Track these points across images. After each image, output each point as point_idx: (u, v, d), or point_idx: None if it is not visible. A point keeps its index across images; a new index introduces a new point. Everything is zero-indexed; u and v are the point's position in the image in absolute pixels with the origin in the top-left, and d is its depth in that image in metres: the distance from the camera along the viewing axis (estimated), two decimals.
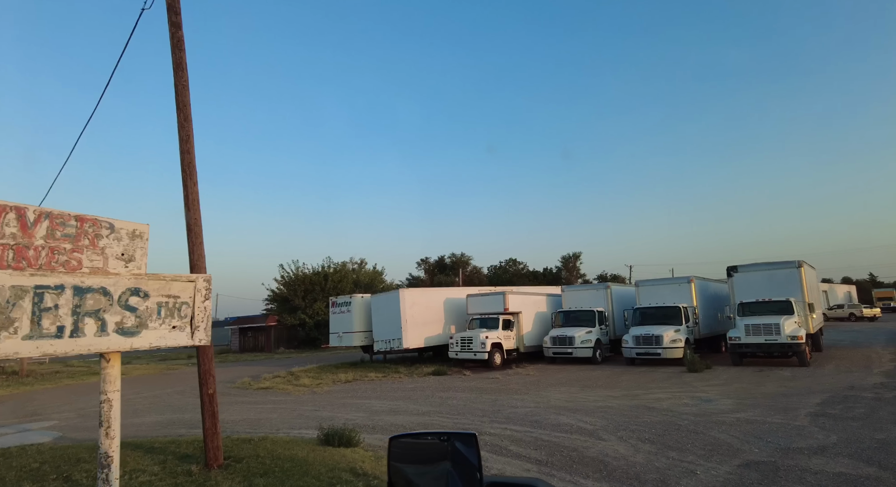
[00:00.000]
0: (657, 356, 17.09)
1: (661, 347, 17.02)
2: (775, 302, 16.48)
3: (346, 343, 22.70)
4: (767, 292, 16.98)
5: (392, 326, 20.50)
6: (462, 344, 19.41)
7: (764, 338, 15.42)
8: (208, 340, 4.56)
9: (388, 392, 13.98)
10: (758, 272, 17.78)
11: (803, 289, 16.86)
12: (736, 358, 16.16)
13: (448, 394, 13.05)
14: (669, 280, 20.05)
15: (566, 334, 19.36)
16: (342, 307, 22.92)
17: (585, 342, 19.06)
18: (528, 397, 12.13)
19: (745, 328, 15.77)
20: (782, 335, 15.08)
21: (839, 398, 10.20)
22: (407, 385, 15.31)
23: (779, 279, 17.29)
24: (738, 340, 15.90)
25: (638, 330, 17.85)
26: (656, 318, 18.51)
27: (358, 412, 11.14)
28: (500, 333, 19.67)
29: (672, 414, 9.25)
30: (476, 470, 1.61)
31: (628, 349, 17.80)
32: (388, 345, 20.88)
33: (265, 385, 16.68)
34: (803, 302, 16.51)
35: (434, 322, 21.51)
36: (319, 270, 41.46)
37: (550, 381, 14.87)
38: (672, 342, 16.97)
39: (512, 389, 13.55)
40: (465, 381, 15.68)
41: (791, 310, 16.05)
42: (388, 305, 21.00)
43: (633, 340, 17.70)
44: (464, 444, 1.67)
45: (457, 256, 71.69)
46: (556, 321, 21.02)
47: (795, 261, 17.25)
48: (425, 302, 21.28)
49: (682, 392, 11.70)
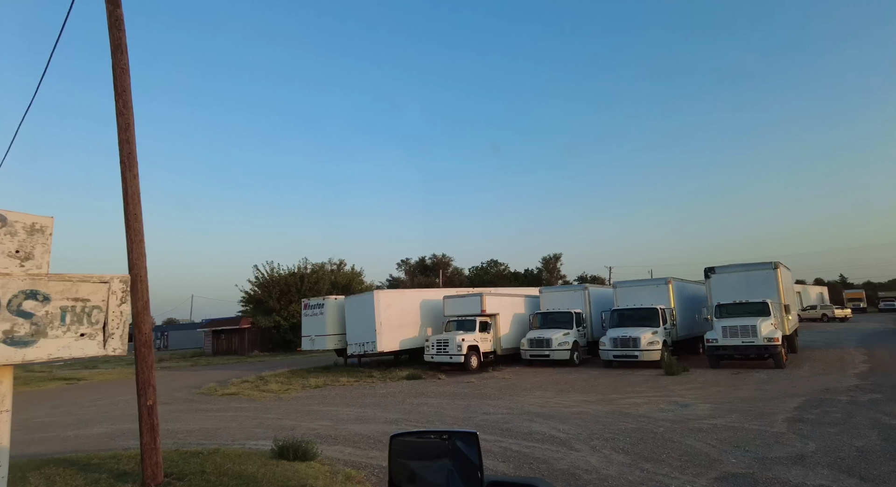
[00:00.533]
0: (634, 358, 16.86)
1: (638, 349, 16.80)
2: (752, 304, 16.39)
3: (319, 347, 22.02)
4: (744, 293, 16.90)
5: (366, 329, 19.92)
6: (438, 347, 18.94)
7: (741, 340, 15.29)
8: (124, 349, 3.99)
9: (358, 399, 13.44)
10: (735, 274, 17.71)
11: (779, 290, 16.82)
12: (713, 360, 16.01)
13: (420, 400, 12.57)
14: (647, 282, 19.89)
15: (543, 336, 19.04)
16: (315, 309, 22.24)
17: (563, 345, 18.76)
18: (501, 402, 11.72)
19: (723, 330, 15.63)
20: (759, 338, 14.97)
21: (815, 401, 10.02)
22: (379, 391, 14.78)
23: (755, 281, 17.23)
24: (715, 342, 15.75)
25: (615, 332, 17.62)
26: (634, 320, 18.30)
27: (323, 420, 10.58)
28: (477, 335, 19.26)
29: (648, 421, 8.93)
30: (477, 469, 1.60)
31: (605, 352, 17.54)
32: (361, 348, 20.30)
33: (231, 391, 15.97)
34: (779, 304, 16.46)
35: (410, 325, 21.00)
36: (295, 270, 40.59)
37: (526, 385, 14.49)
38: (649, 344, 16.77)
39: (486, 393, 13.13)
40: (439, 385, 15.21)
41: (767, 312, 15.96)
42: (361, 307, 20.42)
43: (610, 342, 17.45)
44: (465, 443, 1.68)
45: (438, 257, 71.30)
46: (534, 322, 20.70)
47: (772, 262, 17.21)
48: (401, 304, 20.76)
49: (658, 397, 11.42)
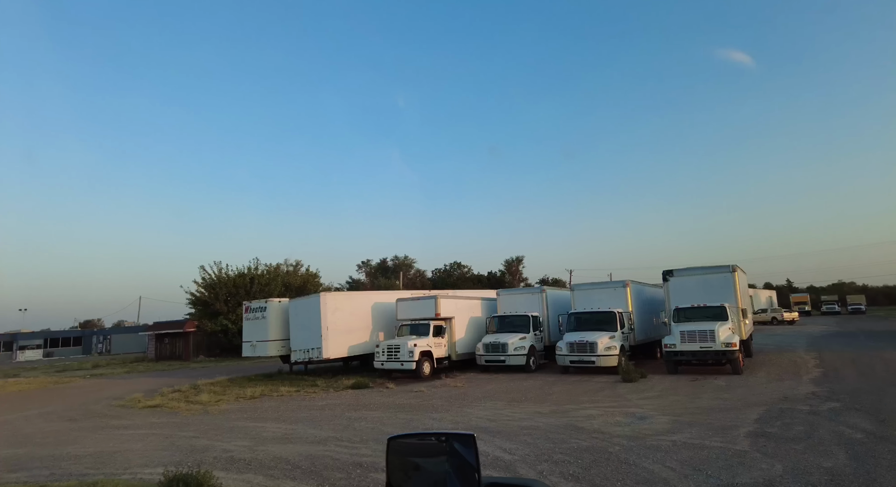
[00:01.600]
0: (591, 364, 16.22)
1: (595, 354, 16.17)
2: (710, 308, 16.03)
3: (261, 353, 20.48)
4: (702, 297, 16.54)
5: (311, 334, 18.59)
6: (388, 353, 17.80)
7: (699, 345, 14.85)
8: None
9: (292, 412, 12.18)
10: (693, 277, 17.36)
11: (737, 294, 16.55)
12: (671, 366, 15.53)
13: (359, 414, 11.43)
14: (605, 284, 19.38)
15: (499, 340, 18.20)
16: (256, 312, 20.70)
17: (519, 350, 17.97)
18: (448, 415, 10.74)
19: (681, 335, 15.16)
20: (717, 343, 14.56)
21: (775, 412, 9.48)
22: (318, 402, 13.54)
23: (713, 284, 16.92)
24: (673, 347, 15.27)
25: (572, 337, 16.95)
26: (591, 323, 17.70)
27: (243, 439, 9.31)
28: (431, 340, 18.24)
29: (603, 438, 8.12)
30: (474, 471, 1.63)
31: (562, 357, 16.84)
32: (306, 355, 18.94)
33: (154, 403, 14.39)
34: (737, 308, 16.18)
35: (360, 329, 19.78)
36: (245, 271, 38.53)
37: (478, 394, 13.57)
38: (607, 349, 16.16)
39: (434, 405, 12.12)
40: (385, 396, 14.10)
41: (725, 316, 15.62)
42: (307, 310, 19.07)
43: (567, 347, 16.77)
44: (462, 445, 1.69)
45: (400, 258, 69.98)
46: (491, 326, 19.86)
47: (729, 265, 16.95)
48: (350, 307, 19.52)
49: (615, 407, 10.69)
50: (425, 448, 1.79)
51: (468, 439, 1.67)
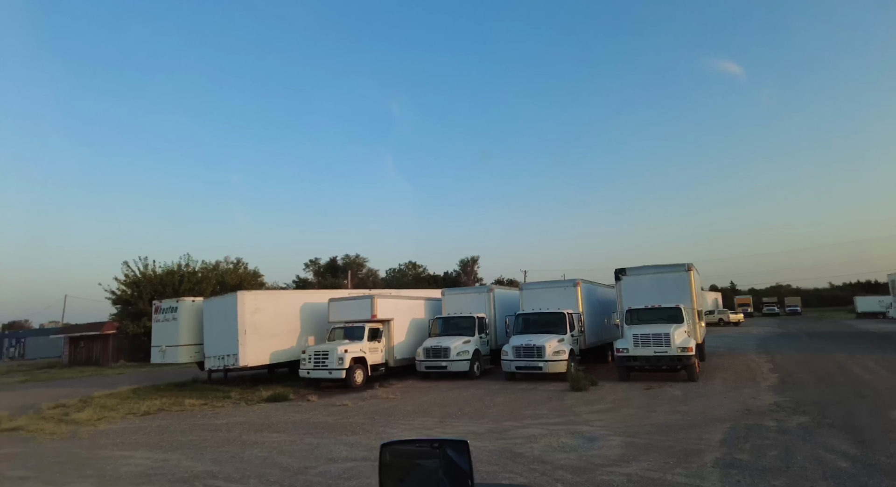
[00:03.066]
0: (539, 370, 14.79)
1: (543, 360, 14.74)
2: (664, 309, 14.95)
3: (171, 360, 17.94)
4: (657, 297, 15.47)
5: (227, 338, 16.31)
6: (316, 360, 15.78)
7: (653, 350, 13.67)
8: None
9: (180, 434, 10.04)
10: (647, 276, 16.28)
11: (692, 295, 15.57)
12: (623, 372, 14.31)
13: (258, 437, 9.44)
14: (554, 283, 18.06)
15: (441, 345, 16.53)
16: (167, 313, 18.16)
17: (462, 354, 16.36)
18: (365, 437, 8.92)
19: (634, 339, 13.96)
20: (672, 347, 13.42)
21: (741, 429, 8.22)
22: (218, 420, 11.41)
23: (668, 284, 15.89)
24: (625, 352, 14.04)
25: (518, 340, 15.49)
26: (540, 325, 16.32)
27: (87, 480, 7.18)
28: (365, 344, 16.34)
29: (544, 469, 6.54)
30: (468, 477, 1.65)
31: (508, 362, 15.35)
32: (221, 362, 16.63)
33: (14, 425, 11.81)
34: (692, 309, 15.17)
35: (286, 333, 17.62)
36: (175, 268, 35.27)
37: (410, 407, 11.82)
38: (555, 354, 14.77)
39: (353, 424, 10.27)
40: (301, 412, 12.11)
41: (681, 318, 14.56)
42: (223, 312, 16.77)
43: (512, 351, 15.28)
44: (455, 451, 1.70)
45: (351, 257, 67.31)
46: (434, 328, 18.17)
47: (685, 264, 15.96)
48: (274, 308, 17.33)
49: (561, 425, 9.19)
50: (418, 454, 1.80)
51: (461, 445, 1.71)
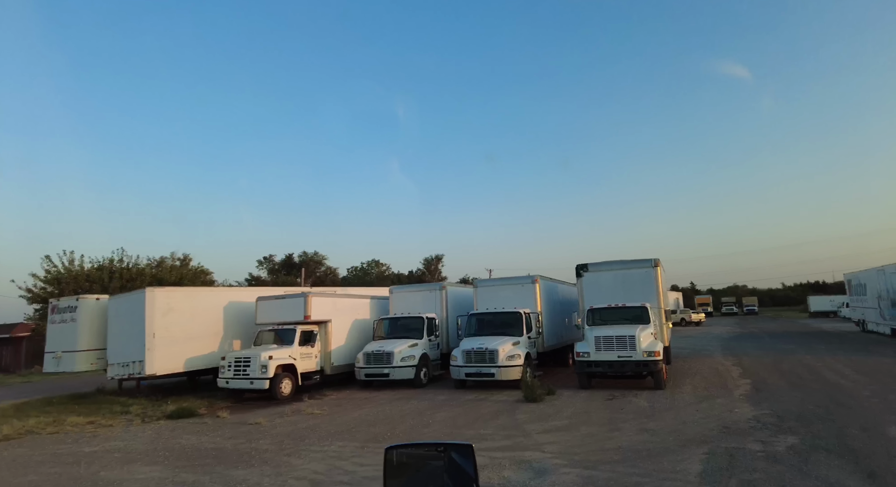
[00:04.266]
0: (491, 377, 13.14)
1: (496, 365, 13.10)
2: (629, 308, 13.55)
3: (66, 368, 15.31)
4: (621, 295, 14.07)
5: (132, 342, 14.01)
6: (236, 368, 13.65)
7: (617, 354, 12.22)
8: None
9: (26, 468, 7.85)
10: (610, 272, 14.89)
11: (659, 293, 14.25)
12: (583, 379, 12.81)
13: (120, 473, 7.36)
14: (511, 280, 16.47)
15: (383, 349, 14.66)
16: (65, 313, 15.60)
17: (407, 360, 14.54)
18: (257, 473, 7.00)
19: (595, 342, 12.48)
20: (637, 351, 11.99)
21: (722, 456, 6.72)
22: (88, 447, 9.21)
23: (633, 281, 14.53)
24: (586, 356, 12.54)
25: (469, 343, 13.80)
26: (495, 326, 14.71)
27: None
28: (296, 350, 14.33)
29: None
30: (472, 481, 1.65)
31: (457, 369, 13.64)
32: (125, 370, 14.31)
33: None
34: (659, 309, 13.84)
35: (206, 336, 15.40)
36: (105, 264, 32.09)
37: (333, 426, 9.93)
38: (509, 358, 13.16)
39: (254, 450, 8.31)
40: (199, 432, 10.03)
41: (647, 318, 13.19)
42: (129, 312, 14.45)
43: (462, 356, 13.58)
44: (460, 455, 1.70)
45: (308, 254, 64.31)
46: (378, 330, 16.28)
47: (651, 259, 14.63)
48: (191, 308, 15.08)
49: (507, 450, 7.50)
50: (423, 458, 1.79)
51: (467, 449, 1.71)
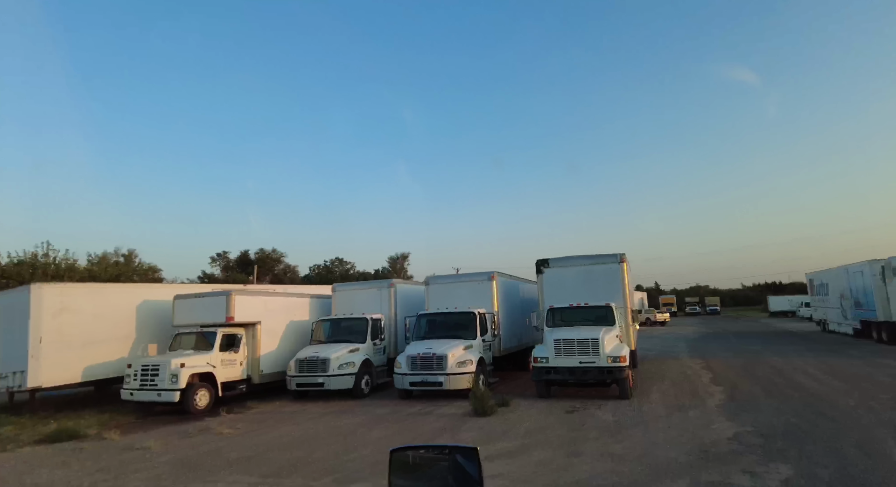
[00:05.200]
0: (439, 386, 11.56)
1: (444, 372, 11.53)
2: (593, 308, 12.24)
3: None
4: (584, 294, 12.75)
5: (13, 349, 11.81)
6: (143, 377, 11.66)
7: (579, 360, 10.84)
8: None
9: None
10: (573, 268, 13.58)
11: (625, 291, 13.00)
12: (542, 388, 11.38)
13: None
14: (466, 277, 14.96)
15: (318, 355, 12.88)
16: None
17: (346, 367, 12.81)
18: None
19: (555, 345, 11.07)
20: (601, 356, 10.65)
21: None
22: None
23: (597, 278, 13.24)
24: (545, 362, 11.12)
25: (416, 347, 12.20)
26: (447, 328, 13.17)
27: None
28: (216, 356, 12.43)
29: None
30: (477, 484, 1.63)
31: (400, 377, 12.00)
32: (3, 383, 12.08)
33: None
34: (625, 308, 12.58)
35: (114, 340, 13.30)
36: (26, 258, 28.89)
37: (238, 451, 8.14)
38: (459, 365, 11.61)
39: None
40: (67, 463, 8.06)
41: (612, 319, 11.89)
42: (12, 312, 12.22)
43: (407, 362, 11.96)
44: (465, 458, 1.69)
45: (266, 251, 61.35)
46: (318, 333, 14.49)
47: (617, 254, 13.38)
48: (94, 307, 12.96)
49: None
50: (428, 460, 1.79)
51: (472, 452, 1.69)
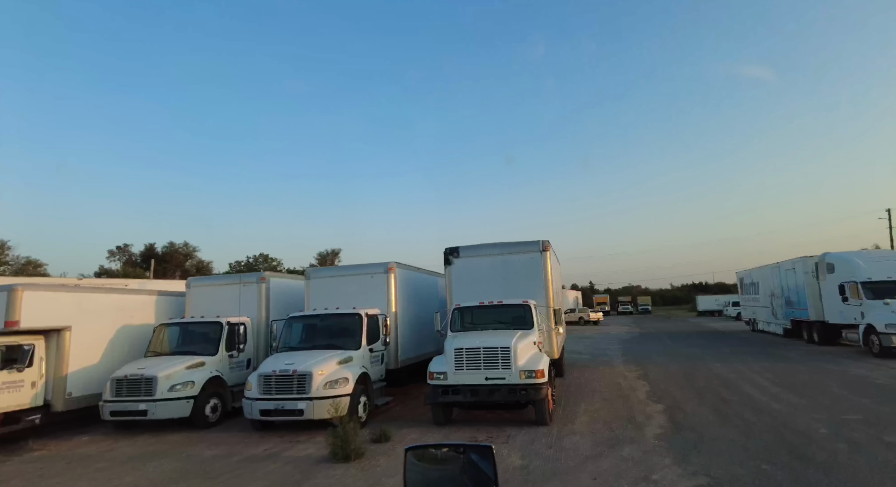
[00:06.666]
0: (299, 415, 8.49)
1: (306, 396, 8.49)
2: (508, 307, 9.68)
3: None
4: (498, 289, 10.18)
5: None
6: None
7: (485, 375, 8.19)
8: None
9: None
10: (487, 258, 10.97)
11: (548, 286, 10.52)
12: (438, 414, 8.64)
13: None
14: (357, 269, 12.00)
15: (142, 373, 9.46)
16: None
17: (181, 388, 9.46)
18: None
19: (456, 357, 8.38)
20: (513, 371, 8.05)
21: None
22: None
23: (516, 270, 10.71)
24: (442, 378, 8.39)
25: (273, 363, 9.09)
26: (326, 335, 10.18)
27: None
28: None
29: None
30: (492, 483, 1.63)
31: (250, 403, 8.82)
32: None
33: None
34: (547, 307, 10.11)
35: None
36: None
37: None
38: (329, 385, 8.61)
39: None
40: None
41: (530, 321, 9.36)
42: None
43: (259, 383, 8.81)
44: (480, 456, 1.69)
45: (176, 245, 55.29)
46: (157, 342, 11.00)
47: (539, 241, 10.88)
48: None
49: None
50: (443, 458, 1.79)
51: (486, 450, 1.69)
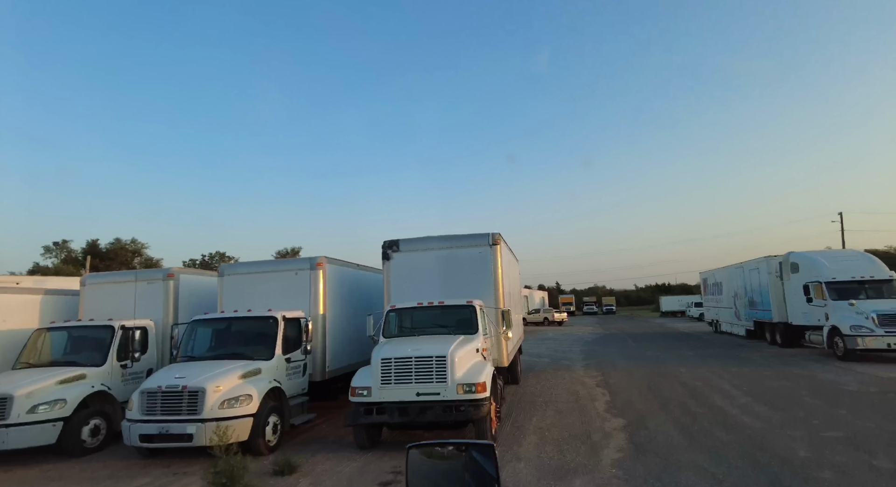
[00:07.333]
0: (188, 440, 6.91)
1: (197, 418, 6.93)
2: (450, 309, 8.36)
3: None
4: (438, 289, 8.85)
5: None
6: None
7: (416, 390, 6.83)
8: None
9: None
10: (431, 252, 9.62)
11: (498, 284, 9.24)
12: (361, 436, 7.23)
13: None
14: (279, 265, 10.44)
15: None
16: None
17: (47, 409, 7.66)
18: None
19: (383, 369, 7.00)
20: (449, 384, 6.73)
21: None
22: None
23: (462, 266, 9.41)
24: (365, 394, 7.00)
25: (161, 377, 7.49)
26: (237, 341, 8.66)
27: None
28: None
29: None
30: (494, 481, 1.61)
31: (130, 427, 7.18)
32: None
33: None
34: (496, 309, 8.82)
35: None
36: None
37: None
38: (227, 404, 7.06)
39: None
40: None
41: (474, 326, 8.05)
42: None
43: (142, 401, 7.19)
44: (481, 454, 1.68)
45: (122, 241, 51.90)
46: (33, 351, 9.18)
47: (488, 234, 9.59)
48: None
49: None
50: (445, 456, 1.78)
51: (488, 449, 1.68)
